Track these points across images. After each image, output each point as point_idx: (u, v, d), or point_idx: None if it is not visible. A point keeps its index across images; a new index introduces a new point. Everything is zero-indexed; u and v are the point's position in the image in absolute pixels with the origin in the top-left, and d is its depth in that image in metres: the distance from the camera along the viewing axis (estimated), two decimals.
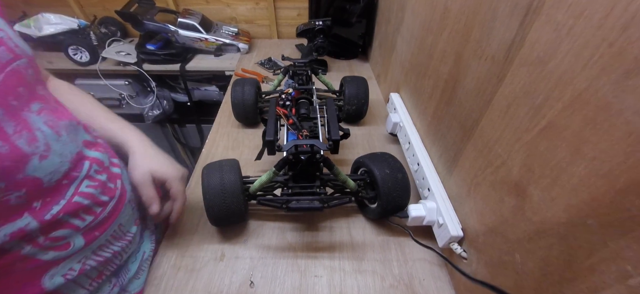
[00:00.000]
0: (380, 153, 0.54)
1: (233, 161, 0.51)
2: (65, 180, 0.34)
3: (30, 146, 0.30)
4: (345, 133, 0.61)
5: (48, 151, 0.32)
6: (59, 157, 0.33)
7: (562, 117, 0.28)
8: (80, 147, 0.37)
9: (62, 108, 0.38)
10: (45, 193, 0.32)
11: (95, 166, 0.38)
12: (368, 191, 0.53)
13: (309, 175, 0.50)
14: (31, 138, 0.31)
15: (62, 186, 0.34)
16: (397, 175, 0.50)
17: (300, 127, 0.54)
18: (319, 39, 0.93)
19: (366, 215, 0.57)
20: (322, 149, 0.46)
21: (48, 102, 0.36)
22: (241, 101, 0.71)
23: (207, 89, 1.33)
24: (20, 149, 0.29)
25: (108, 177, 0.40)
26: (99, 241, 0.37)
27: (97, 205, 0.37)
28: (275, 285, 0.47)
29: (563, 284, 0.28)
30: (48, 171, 0.32)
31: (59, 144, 0.34)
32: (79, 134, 0.38)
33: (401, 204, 0.50)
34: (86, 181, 0.36)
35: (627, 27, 0.22)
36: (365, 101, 0.74)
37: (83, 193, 0.35)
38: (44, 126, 0.33)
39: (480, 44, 0.40)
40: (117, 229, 0.40)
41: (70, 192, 0.34)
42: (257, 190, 0.49)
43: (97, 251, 0.38)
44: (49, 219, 0.32)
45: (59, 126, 0.35)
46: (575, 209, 0.26)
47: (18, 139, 0.29)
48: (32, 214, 0.31)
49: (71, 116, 0.38)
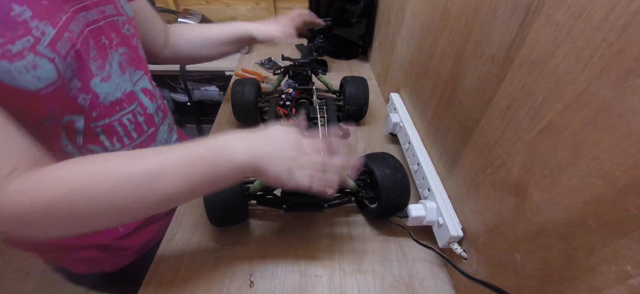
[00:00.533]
0: (380, 153, 0.54)
1: None
2: (117, 106, 0.45)
3: (97, 70, 0.42)
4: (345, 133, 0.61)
5: (108, 79, 0.43)
6: (116, 86, 0.45)
7: (562, 117, 0.28)
8: (135, 89, 0.49)
9: (142, 61, 0.52)
10: (100, 107, 0.43)
11: (139, 109, 0.49)
12: (368, 191, 0.53)
13: None
14: (101, 66, 0.43)
15: (113, 109, 0.44)
16: (397, 175, 0.50)
17: None
18: (319, 39, 0.93)
19: (366, 215, 0.57)
20: None
21: (134, 52, 0.49)
22: (241, 101, 0.71)
23: (207, 89, 1.33)
24: (90, 68, 0.41)
25: (145, 119, 0.50)
26: None
27: (127, 137, 0.47)
28: (275, 285, 0.47)
29: (563, 284, 0.28)
30: (104, 91, 0.43)
31: (119, 78, 0.45)
32: (140, 81, 0.50)
33: (401, 204, 0.50)
34: (129, 115, 0.47)
35: (627, 27, 0.22)
36: (365, 101, 0.75)
37: (122, 123, 0.46)
38: (115, 62, 0.45)
39: (480, 44, 0.41)
40: None
41: (116, 117, 0.45)
42: (257, 190, 0.49)
43: None
44: (92, 127, 0.42)
45: (125, 66, 0.47)
46: (575, 209, 0.26)
47: (92, 62, 0.41)
48: (86, 118, 0.41)
49: (142, 67, 0.51)
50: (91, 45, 0.41)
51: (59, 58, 0.36)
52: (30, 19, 0.33)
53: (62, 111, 0.39)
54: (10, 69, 0.32)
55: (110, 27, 0.45)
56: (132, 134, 0.47)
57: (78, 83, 0.39)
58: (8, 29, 0.32)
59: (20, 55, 0.32)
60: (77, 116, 0.41)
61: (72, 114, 0.40)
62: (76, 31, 0.39)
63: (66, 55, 0.37)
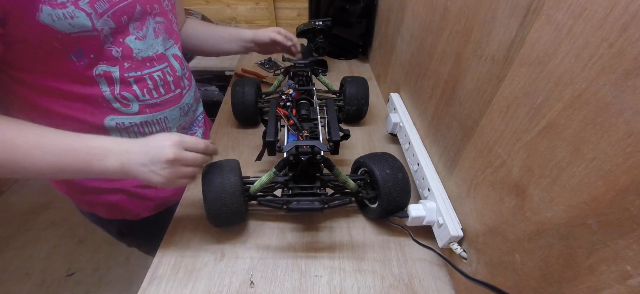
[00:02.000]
0: (381, 153, 0.54)
1: (233, 161, 0.51)
2: (148, 62, 0.51)
3: (134, 30, 0.49)
4: (345, 134, 0.61)
5: (144, 38, 0.50)
6: (149, 46, 0.51)
7: (562, 117, 0.28)
8: (165, 51, 0.55)
9: (174, 32, 0.59)
10: (133, 60, 0.49)
11: (168, 69, 0.55)
12: (368, 191, 0.53)
13: (309, 176, 0.50)
14: (138, 27, 0.49)
15: (144, 64, 0.51)
16: (398, 175, 0.50)
17: (301, 128, 0.54)
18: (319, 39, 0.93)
19: (366, 215, 0.57)
20: (322, 150, 0.46)
21: (169, 23, 0.57)
22: (241, 101, 0.71)
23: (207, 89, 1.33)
24: (128, 28, 0.48)
25: (173, 80, 0.56)
26: (145, 116, 0.53)
27: (156, 90, 0.53)
28: (275, 285, 0.47)
29: (563, 284, 0.28)
30: (138, 47, 0.49)
31: (152, 40, 0.52)
32: (171, 48, 0.57)
33: (402, 204, 0.50)
34: (159, 73, 0.53)
35: (627, 27, 0.22)
36: (366, 102, 0.75)
37: (152, 77, 0.52)
38: (151, 27, 0.51)
39: (480, 45, 0.41)
40: (162, 119, 0.56)
41: (146, 71, 0.51)
42: (257, 191, 0.49)
43: (141, 123, 0.53)
44: (126, 77, 0.49)
45: (160, 32, 0.54)
46: (575, 209, 0.26)
47: (132, 23, 0.48)
48: (120, 68, 0.48)
49: (175, 37, 0.59)
50: (138, 10, 0.48)
51: (95, 14, 0.42)
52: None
53: (97, 58, 0.45)
54: (51, 13, 0.38)
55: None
56: (160, 89, 0.54)
57: (112, 38, 0.46)
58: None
59: (63, 5, 0.39)
60: (112, 66, 0.47)
61: (108, 65, 0.46)
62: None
63: (103, 13, 0.43)
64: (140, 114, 0.52)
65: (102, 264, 1.33)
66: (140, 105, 0.52)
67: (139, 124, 0.53)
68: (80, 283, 1.27)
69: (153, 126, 0.55)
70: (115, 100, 0.49)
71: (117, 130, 0.51)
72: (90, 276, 1.29)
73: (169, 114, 0.57)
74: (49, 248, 1.38)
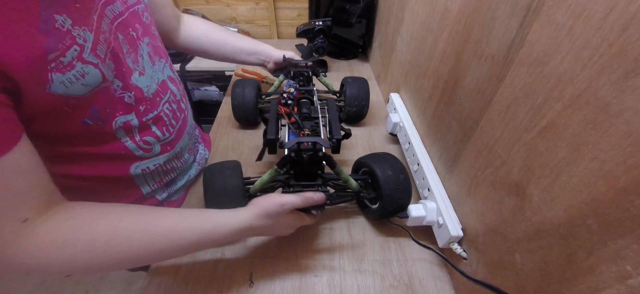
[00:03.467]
0: (382, 153, 0.54)
1: (235, 162, 0.51)
2: (157, 97, 0.48)
3: (133, 64, 0.44)
4: (346, 133, 0.61)
5: (144, 72, 0.46)
6: (151, 78, 0.47)
7: (562, 117, 0.28)
8: (164, 77, 0.51)
9: (162, 49, 0.54)
10: (146, 101, 0.45)
11: (171, 96, 0.52)
12: (369, 191, 0.53)
13: (310, 174, 0.50)
14: (135, 60, 0.44)
15: (156, 101, 0.47)
16: (400, 176, 0.50)
17: (302, 127, 0.54)
18: (319, 39, 0.93)
19: (367, 215, 0.57)
20: (324, 147, 0.45)
21: (155, 40, 0.51)
22: (241, 102, 0.71)
23: (207, 89, 1.33)
24: (127, 64, 0.42)
25: (177, 107, 0.53)
26: (167, 155, 0.51)
27: (170, 125, 0.50)
28: (275, 285, 0.47)
29: (563, 284, 0.28)
30: (145, 84, 0.45)
31: (151, 69, 0.48)
32: (165, 69, 0.52)
33: (403, 205, 0.50)
34: (167, 105, 0.50)
35: (627, 27, 0.22)
36: (366, 102, 0.74)
37: (166, 113, 0.49)
38: (145, 54, 0.47)
39: (480, 45, 0.41)
40: (179, 152, 0.54)
41: (159, 107, 0.48)
42: (257, 190, 0.49)
43: (164, 163, 0.51)
44: (145, 121, 0.45)
45: (153, 56, 0.49)
46: (575, 209, 0.26)
47: (127, 57, 0.43)
48: (136, 113, 0.44)
49: (164, 55, 0.54)
50: (121, 40, 0.42)
51: (101, 62, 0.37)
52: (71, 27, 0.33)
53: (113, 111, 0.41)
54: (63, 80, 0.33)
55: (133, 17, 0.46)
56: (172, 121, 0.51)
57: (120, 82, 0.41)
58: (59, 41, 0.32)
59: (71, 66, 0.33)
60: (129, 115, 0.43)
61: (125, 114, 0.42)
62: (107, 29, 0.39)
63: (105, 57, 0.38)
64: (163, 154, 0.50)
65: None
66: (161, 145, 0.49)
67: (162, 164, 0.51)
68: (80, 283, 1.27)
69: (174, 161, 0.54)
70: (139, 148, 0.46)
71: (142, 176, 0.49)
72: (90, 276, 1.29)
73: (182, 144, 0.55)
74: None
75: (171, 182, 0.56)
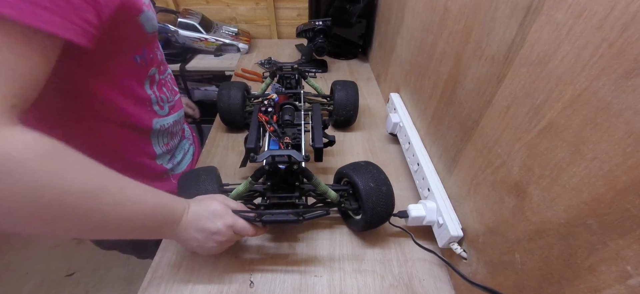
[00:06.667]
0: (364, 163, 0.51)
1: (211, 168, 0.50)
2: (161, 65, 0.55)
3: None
4: (330, 140, 0.59)
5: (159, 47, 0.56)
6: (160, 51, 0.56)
7: (562, 117, 0.28)
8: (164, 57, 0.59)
9: None
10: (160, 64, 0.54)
11: (169, 72, 0.60)
12: (351, 202, 0.51)
13: (288, 185, 0.47)
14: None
15: (165, 67, 0.57)
16: (382, 188, 0.47)
17: (282, 135, 0.51)
18: (319, 39, 0.93)
19: (350, 227, 0.54)
20: (299, 160, 0.43)
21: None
22: (228, 105, 0.69)
23: (207, 89, 1.33)
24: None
25: (173, 83, 0.61)
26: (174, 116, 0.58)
27: (173, 92, 0.60)
28: (275, 285, 0.47)
29: (563, 284, 0.28)
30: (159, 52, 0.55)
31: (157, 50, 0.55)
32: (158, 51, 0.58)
33: (385, 217, 0.49)
34: (169, 76, 0.59)
35: (627, 27, 0.22)
36: (355, 110, 0.73)
37: (168, 79, 0.58)
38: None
39: (480, 45, 0.41)
40: (179, 120, 0.61)
41: (165, 74, 0.57)
42: (240, 195, 0.48)
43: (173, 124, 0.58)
44: (161, 79, 0.55)
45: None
46: (575, 209, 0.26)
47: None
48: (157, 70, 0.53)
49: None
50: None
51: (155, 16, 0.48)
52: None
53: (152, 60, 0.50)
54: (147, 15, 0.44)
55: None
56: (174, 88, 0.60)
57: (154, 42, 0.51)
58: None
59: (148, 7, 0.45)
60: (155, 68, 0.52)
61: (155, 66, 0.52)
62: None
63: None
64: (170, 115, 0.57)
65: (102, 264, 1.32)
66: (169, 106, 0.57)
67: (172, 124, 0.58)
68: (80, 283, 1.27)
69: (178, 125, 0.61)
70: (156, 102, 0.53)
71: (160, 132, 0.55)
72: (90, 276, 1.29)
73: (181, 113, 0.62)
74: (49, 248, 1.38)
75: (173, 151, 0.62)
